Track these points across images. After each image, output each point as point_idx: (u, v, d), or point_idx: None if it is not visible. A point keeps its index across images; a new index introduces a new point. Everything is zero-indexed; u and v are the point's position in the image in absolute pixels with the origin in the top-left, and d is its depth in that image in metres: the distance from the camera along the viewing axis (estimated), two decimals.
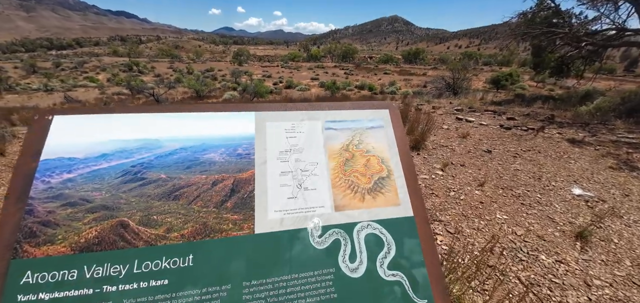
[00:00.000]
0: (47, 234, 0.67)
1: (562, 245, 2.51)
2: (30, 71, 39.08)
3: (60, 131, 0.77)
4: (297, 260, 0.75)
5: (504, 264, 2.25)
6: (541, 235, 2.63)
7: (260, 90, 20.96)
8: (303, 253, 0.76)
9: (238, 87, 23.75)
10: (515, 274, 2.18)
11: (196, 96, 20.86)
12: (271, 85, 27.36)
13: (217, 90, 23.82)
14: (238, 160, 0.83)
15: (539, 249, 2.46)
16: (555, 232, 2.68)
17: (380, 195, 0.85)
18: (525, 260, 2.34)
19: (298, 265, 0.75)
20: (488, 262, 2.26)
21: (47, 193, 0.70)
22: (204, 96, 21.03)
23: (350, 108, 0.97)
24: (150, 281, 0.67)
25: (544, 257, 2.38)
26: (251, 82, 24.92)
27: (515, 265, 2.29)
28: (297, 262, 0.75)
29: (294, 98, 15.38)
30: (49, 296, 0.63)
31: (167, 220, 0.72)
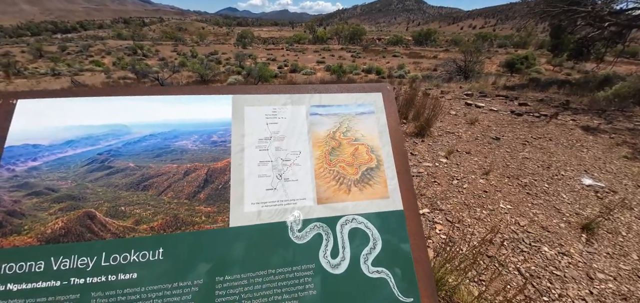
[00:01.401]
0: (13, 224, 0.65)
1: (567, 237, 2.43)
2: (37, 55, 39.47)
3: (25, 116, 0.73)
4: (274, 256, 0.71)
5: (504, 255, 2.20)
6: (545, 226, 2.55)
7: (264, 74, 20.70)
8: (281, 249, 0.72)
9: (242, 70, 23.50)
10: (515, 265, 2.13)
11: (201, 80, 20.79)
12: (276, 69, 26.97)
13: (221, 74, 23.64)
14: (213, 148, 0.78)
15: (542, 240, 2.39)
16: (560, 223, 2.60)
17: (368, 187, 0.79)
18: (526, 251, 2.28)
19: (275, 260, 0.71)
20: (487, 252, 2.21)
21: (13, 182, 0.67)
22: (209, 80, 20.94)
23: (338, 91, 0.89)
24: (119, 274, 0.64)
25: (546, 249, 2.32)
26: (255, 66, 24.60)
27: (516, 256, 2.23)
28: (274, 258, 0.71)
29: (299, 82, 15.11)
30: (17, 287, 0.61)
31: (136, 212, 0.69)
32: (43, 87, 18.79)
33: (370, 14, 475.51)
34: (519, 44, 52.41)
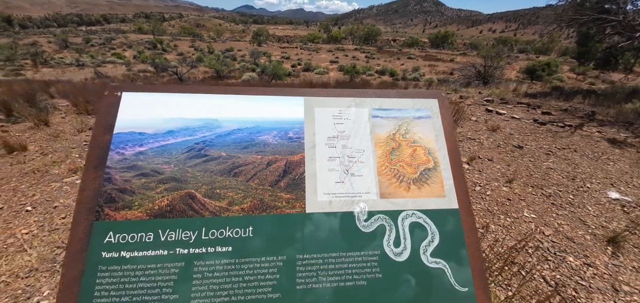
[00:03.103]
0: (124, 200, 0.76)
1: (592, 249, 2.41)
2: (63, 46, 41.36)
3: (129, 107, 0.85)
4: (344, 240, 0.80)
5: (529, 262, 2.22)
6: (570, 237, 2.54)
7: (278, 72, 20.94)
8: (350, 235, 0.81)
9: (257, 68, 23.83)
10: (539, 273, 2.14)
11: (216, 76, 21.23)
12: (289, 67, 27.18)
13: (236, 70, 24.06)
14: (289, 143, 0.88)
15: (567, 250, 2.39)
16: (585, 235, 2.58)
17: (425, 186, 0.87)
18: (551, 260, 2.29)
19: (346, 245, 0.79)
20: (513, 259, 2.23)
21: (122, 164, 0.79)
22: (224, 76, 21.36)
23: (396, 96, 0.97)
24: (216, 247, 0.75)
25: (571, 259, 2.31)
26: (270, 64, 24.89)
27: (541, 264, 2.24)
28: (344, 242, 0.80)
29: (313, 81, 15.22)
30: (129, 254, 0.73)
31: (229, 195, 0.79)
32: (68, 77, 19.66)
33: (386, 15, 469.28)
34: (540, 50, 50.53)
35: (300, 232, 0.79)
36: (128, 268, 0.71)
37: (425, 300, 0.77)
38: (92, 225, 0.73)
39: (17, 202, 2.85)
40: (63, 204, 2.77)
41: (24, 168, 3.46)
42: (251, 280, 0.74)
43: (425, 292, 0.77)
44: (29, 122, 4.87)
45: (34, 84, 10.72)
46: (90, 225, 0.73)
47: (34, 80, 15.90)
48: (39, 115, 4.71)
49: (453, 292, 0.79)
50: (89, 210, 0.74)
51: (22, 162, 3.60)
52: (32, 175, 3.32)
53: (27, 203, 2.82)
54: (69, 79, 16.35)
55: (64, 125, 4.83)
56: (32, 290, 1.93)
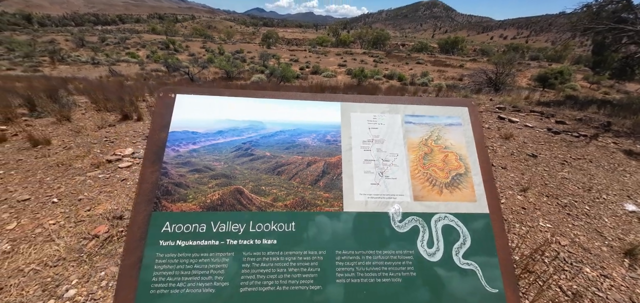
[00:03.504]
0: (180, 193, 0.83)
1: (609, 260, 2.39)
2: (79, 44, 42.66)
3: (182, 107, 0.92)
4: (380, 239, 0.84)
5: (545, 271, 2.21)
6: (587, 248, 2.52)
7: (287, 75, 21.14)
8: (385, 234, 0.85)
9: (266, 70, 24.11)
10: (556, 283, 2.14)
11: (226, 77, 21.56)
12: (298, 69, 27.39)
13: (245, 72, 24.37)
14: (327, 145, 0.93)
15: (584, 261, 2.37)
16: (602, 247, 2.55)
17: (457, 190, 0.91)
18: (568, 271, 2.28)
19: (381, 243, 0.84)
20: (528, 267, 2.23)
21: (178, 160, 0.86)
22: (234, 77, 21.67)
23: (428, 103, 1.01)
24: (263, 239, 0.81)
25: (588, 270, 2.30)
26: (278, 66, 25.14)
27: (558, 273, 2.23)
28: (380, 241, 0.84)
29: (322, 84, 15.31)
30: (184, 243, 0.79)
31: (273, 191, 0.85)
32: (83, 74, 20.23)
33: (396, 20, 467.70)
34: (553, 57, 49.62)
35: (339, 229, 0.84)
36: (183, 256, 0.77)
37: (458, 299, 0.80)
38: (151, 215, 0.80)
39: (43, 194, 2.98)
40: (87, 197, 2.89)
41: (48, 162, 3.61)
42: (295, 271, 0.79)
43: (458, 291, 0.81)
44: (51, 117, 5.07)
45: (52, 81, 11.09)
46: (149, 215, 0.80)
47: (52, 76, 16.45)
48: (62, 111, 4.91)
49: (484, 292, 0.82)
50: (148, 201, 0.81)
51: (46, 156, 3.76)
52: (56, 168, 3.46)
53: (53, 195, 2.95)
54: (85, 77, 16.85)
55: (85, 121, 5.01)
56: (60, 279, 2.03)
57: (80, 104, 6.16)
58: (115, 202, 2.79)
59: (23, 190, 3.03)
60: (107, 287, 1.95)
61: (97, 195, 2.91)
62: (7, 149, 3.95)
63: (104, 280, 1.99)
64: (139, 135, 4.49)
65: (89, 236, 2.36)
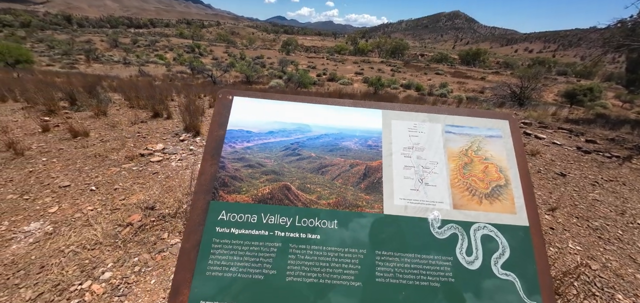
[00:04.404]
0: (235, 186, 0.90)
1: None
2: (113, 45, 45.70)
3: (238, 108, 1.00)
4: (419, 243, 0.87)
5: (575, 295, 2.11)
6: (620, 274, 2.38)
7: (304, 81, 21.50)
8: (424, 239, 0.88)
9: (284, 75, 24.63)
10: None
11: (246, 81, 22.22)
12: (315, 76, 27.75)
13: (264, 76, 25.02)
14: (368, 150, 0.98)
15: (616, 288, 2.25)
16: (636, 273, 2.41)
17: (497, 201, 0.92)
18: (598, 296, 2.17)
19: (420, 247, 0.87)
20: (557, 290, 2.13)
21: (233, 156, 0.94)
22: (253, 81, 22.31)
23: (468, 115, 1.04)
24: (307, 234, 0.86)
25: (620, 297, 2.17)
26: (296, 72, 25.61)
27: (588, 298, 2.13)
28: (419, 245, 0.87)
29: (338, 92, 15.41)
30: (237, 231, 0.86)
31: (317, 190, 0.91)
32: (115, 73, 21.53)
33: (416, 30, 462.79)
34: (582, 73, 47.13)
35: (379, 230, 0.88)
36: (236, 242, 0.84)
37: None
38: (209, 204, 0.87)
39: (82, 182, 3.22)
40: (122, 187, 3.09)
41: (87, 152, 3.90)
42: (336, 267, 0.84)
43: (496, 300, 0.82)
44: (89, 111, 5.47)
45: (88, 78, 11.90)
46: (208, 204, 0.87)
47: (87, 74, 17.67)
48: (99, 106, 5.28)
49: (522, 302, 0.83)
50: (206, 191, 0.89)
51: (85, 146, 4.06)
52: (94, 158, 3.73)
53: (91, 183, 3.18)
54: (117, 75, 17.97)
55: (120, 117, 5.36)
56: (97, 261, 2.18)
57: (114, 100, 6.60)
58: (147, 194, 2.96)
59: (64, 177, 3.28)
60: (140, 273, 2.07)
61: (131, 186, 3.10)
62: (49, 138, 4.30)
63: (137, 265, 2.12)
64: (169, 132, 4.74)
65: (124, 224, 2.52)
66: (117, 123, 4.99)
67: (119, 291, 1.92)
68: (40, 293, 1.93)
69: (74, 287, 1.96)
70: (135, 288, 1.94)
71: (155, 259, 2.17)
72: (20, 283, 2.01)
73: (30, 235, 2.43)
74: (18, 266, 2.14)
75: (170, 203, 2.79)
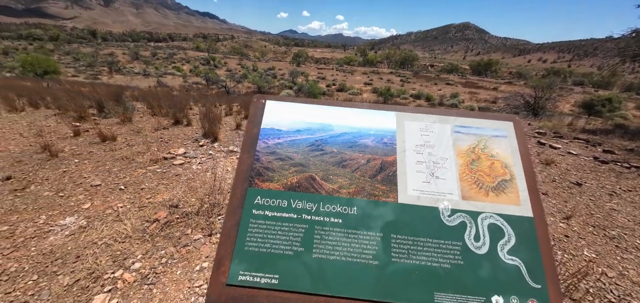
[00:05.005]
0: (268, 175, 1.04)
1: None
2: (134, 57, 48.21)
3: (271, 110, 1.15)
4: (431, 229, 0.98)
5: (589, 302, 2.10)
6: (637, 282, 2.34)
7: (313, 91, 21.89)
8: (435, 226, 0.98)
9: (294, 86, 25.15)
10: None
11: (258, 91, 22.84)
12: (324, 86, 28.15)
13: (275, 87, 25.63)
14: (384, 146, 1.10)
15: (633, 295, 2.21)
16: None
17: (503, 194, 1.01)
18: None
19: (432, 233, 0.97)
20: (571, 295, 2.13)
21: (266, 150, 1.08)
22: (264, 92, 22.91)
23: (475, 117, 1.15)
24: (330, 218, 0.98)
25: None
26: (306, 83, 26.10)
27: None
28: (431, 230, 0.97)
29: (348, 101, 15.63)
30: (271, 213, 0.99)
31: (339, 180, 1.03)
32: (135, 84, 22.62)
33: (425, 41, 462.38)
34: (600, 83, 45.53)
35: (394, 216, 0.99)
36: (269, 223, 0.97)
37: (502, 288, 0.90)
38: (247, 190, 1.02)
39: (111, 181, 3.46)
40: (148, 187, 3.31)
41: (115, 155, 4.18)
42: (356, 247, 0.95)
43: (502, 280, 0.91)
44: (116, 118, 5.85)
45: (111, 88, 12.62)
46: (245, 190, 1.02)
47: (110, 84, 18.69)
48: (125, 113, 5.64)
49: (527, 285, 0.91)
50: (244, 179, 1.03)
51: (113, 150, 4.35)
52: (121, 161, 4.00)
53: (119, 183, 3.42)
54: (136, 86, 18.90)
55: (143, 123, 5.70)
56: (127, 253, 2.35)
57: (138, 108, 7.01)
58: (171, 193, 3.16)
59: (95, 177, 3.54)
60: (167, 264, 2.23)
61: (157, 186, 3.32)
62: (80, 142, 4.64)
63: (164, 257, 2.28)
64: (189, 138, 5.01)
65: (151, 220, 2.71)
66: (141, 129, 5.31)
67: (148, 280, 2.08)
68: (76, 279, 2.12)
69: (107, 275, 2.13)
70: (163, 278, 2.10)
71: (180, 252, 2.32)
72: (58, 271, 2.20)
73: (66, 228, 2.65)
74: (56, 255, 2.34)
75: (193, 202, 2.97)
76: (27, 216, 2.80)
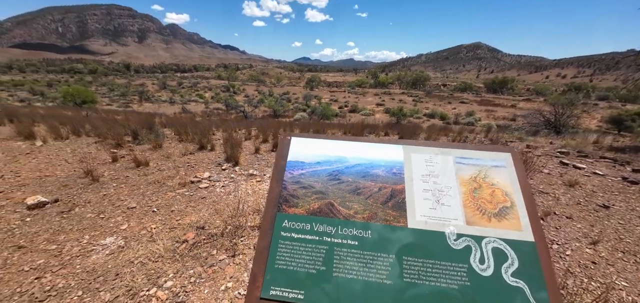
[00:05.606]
0: (293, 202, 1.22)
1: None
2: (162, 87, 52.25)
3: (296, 145, 1.36)
4: (438, 252, 1.09)
5: None
6: None
7: (327, 113, 22.41)
8: (443, 249, 1.10)
9: (308, 109, 25.90)
10: None
11: (273, 114, 23.75)
12: (337, 108, 28.71)
13: (290, 110, 26.51)
14: (393, 176, 1.25)
15: None
16: None
17: (504, 220, 1.12)
18: None
19: (439, 255, 1.08)
20: None
21: (292, 179, 1.27)
22: (280, 115, 23.76)
23: (475, 149, 1.28)
24: (348, 240, 1.13)
25: None
26: (319, 105, 26.80)
27: None
28: (438, 253, 1.09)
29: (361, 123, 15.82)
30: (296, 235, 1.16)
31: (354, 206, 1.19)
32: (162, 111, 24.28)
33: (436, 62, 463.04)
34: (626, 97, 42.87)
35: (405, 240, 1.12)
36: (295, 244, 1.14)
37: None
38: (276, 215, 1.20)
39: (145, 204, 3.78)
40: (177, 210, 3.59)
41: (148, 179, 4.57)
42: (371, 267, 1.08)
43: (508, 301, 1.00)
44: (148, 145, 6.39)
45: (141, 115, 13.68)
46: (275, 215, 1.20)
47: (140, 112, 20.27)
48: (156, 140, 6.17)
49: None
50: (274, 205, 1.22)
51: (146, 174, 4.76)
52: (153, 185, 4.36)
53: (152, 205, 3.73)
54: (163, 113, 20.34)
55: (172, 149, 6.18)
56: (160, 272, 2.56)
57: (166, 134, 7.60)
58: (198, 215, 3.41)
59: (131, 200, 3.89)
60: (195, 283, 2.41)
61: (185, 208, 3.59)
62: (118, 167, 5.11)
63: (192, 277, 2.47)
64: (212, 162, 5.37)
65: (180, 240, 2.94)
66: (171, 154, 5.77)
67: (179, 298, 2.26)
68: (116, 296, 2.33)
69: (142, 293, 2.34)
70: (192, 297, 2.27)
71: (207, 272, 2.50)
72: (100, 288, 2.44)
73: (107, 248, 2.93)
74: (98, 273, 2.59)
75: (217, 224, 3.19)
76: (72, 236, 3.13)
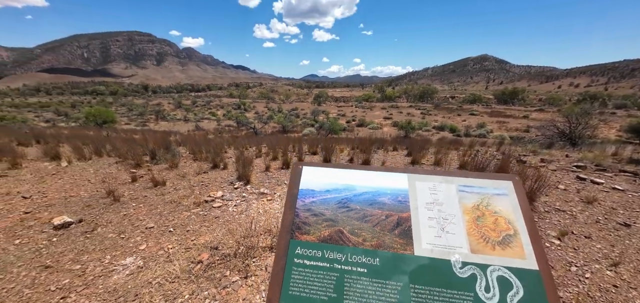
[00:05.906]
0: (305, 229, 1.31)
1: None
2: (177, 106, 54.64)
3: (306, 173, 1.46)
4: (445, 280, 1.14)
5: None
6: None
7: (334, 128, 22.60)
8: (448, 277, 1.14)
9: (315, 124, 26.23)
10: None
11: (282, 130, 24.17)
12: (344, 123, 28.91)
13: (298, 125, 26.92)
14: (399, 204, 1.32)
15: None
16: None
17: (508, 248, 1.16)
18: None
19: (446, 283, 1.13)
20: None
21: (304, 207, 1.36)
22: (288, 130, 24.15)
23: (476, 177, 1.34)
24: (357, 268, 1.19)
25: None
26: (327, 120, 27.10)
27: None
28: (445, 281, 1.13)
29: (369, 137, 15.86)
30: (308, 262, 1.23)
31: (363, 234, 1.26)
32: (176, 129, 25.21)
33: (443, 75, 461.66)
34: None
35: (412, 268, 1.17)
36: (308, 271, 1.21)
37: None
38: (289, 241, 1.28)
39: (162, 224, 3.94)
40: (192, 229, 3.72)
41: (164, 199, 4.76)
42: (381, 294, 1.14)
43: None
44: (165, 164, 6.67)
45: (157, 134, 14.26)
46: (288, 241, 1.28)
47: (156, 130, 21.16)
48: (173, 160, 6.44)
49: None
50: (287, 232, 1.31)
51: (163, 194, 4.96)
52: (170, 204, 4.54)
53: (169, 225, 3.88)
54: (178, 130, 21.13)
55: (187, 168, 6.43)
56: (176, 293, 2.66)
57: (181, 153, 7.92)
58: (212, 235, 3.53)
59: (149, 220, 4.06)
60: None
61: (199, 228, 3.72)
62: (136, 187, 5.35)
63: (207, 298, 2.54)
64: (225, 181, 5.54)
65: (195, 261, 3.04)
66: (186, 174, 6.00)
67: None
68: None
69: None
70: None
71: (221, 294, 2.57)
72: None
73: (127, 268, 3.06)
74: (118, 293, 2.71)
75: (230, 245, 3.28)
76: (95, 256, 3.29)
